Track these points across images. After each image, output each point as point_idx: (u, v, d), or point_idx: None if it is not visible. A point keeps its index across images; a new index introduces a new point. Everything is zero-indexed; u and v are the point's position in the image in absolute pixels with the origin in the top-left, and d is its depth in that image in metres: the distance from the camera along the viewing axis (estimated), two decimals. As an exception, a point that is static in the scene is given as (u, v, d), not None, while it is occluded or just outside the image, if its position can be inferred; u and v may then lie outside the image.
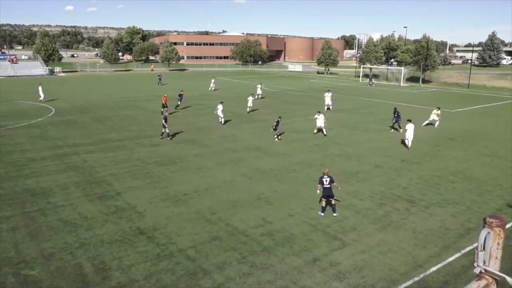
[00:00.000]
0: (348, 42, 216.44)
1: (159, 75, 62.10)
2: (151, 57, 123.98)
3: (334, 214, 13.45)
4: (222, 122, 28.93)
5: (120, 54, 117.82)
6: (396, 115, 27.03)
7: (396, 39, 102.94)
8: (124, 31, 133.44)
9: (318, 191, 13.56)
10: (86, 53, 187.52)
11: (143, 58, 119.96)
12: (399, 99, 44.56)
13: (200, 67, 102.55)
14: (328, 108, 36.09)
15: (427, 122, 28.71)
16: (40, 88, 39.65)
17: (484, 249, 2.75)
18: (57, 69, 79.15)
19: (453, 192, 15.86)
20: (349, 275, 10.03)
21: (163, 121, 24.07)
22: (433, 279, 9.98)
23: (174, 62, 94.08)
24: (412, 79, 68.52)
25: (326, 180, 13.25)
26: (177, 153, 21.22)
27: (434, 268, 10.39)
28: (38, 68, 76.06)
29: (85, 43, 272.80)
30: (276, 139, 24.04)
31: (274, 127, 24.09)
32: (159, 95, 45.45)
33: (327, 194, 13.28)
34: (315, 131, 25.74)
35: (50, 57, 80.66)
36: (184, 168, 18.69)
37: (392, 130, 27.05)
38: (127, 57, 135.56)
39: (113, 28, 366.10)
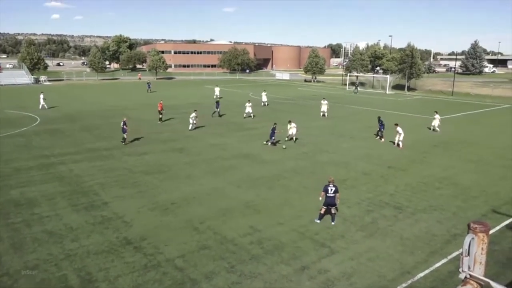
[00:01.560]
0: (335, 50, 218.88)
1: (148, 83, 62.65)
2: (138, 66, 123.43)
3: (332, 223, 13.47)
4: (192, 128, 29.49)
5: (107, 62, 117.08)
6: (380, 124, 27.37)
7: (382, 48, 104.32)
8: (111, 40, 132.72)
9: (320, 198, 13.58)
10: (73, 62, 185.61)
11: (130, 66, 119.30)
12: (386, 107, 45.12)
13: (187, 75, 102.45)
14: (324, 115, 36.66)
15: (432, 128, 29.73)
16: (41, 96, 40.65)
17: (468, 254, 2.80)
18: (42, 77, 78.24)
19: (439, 198, 16.06)
20: (338, 283, 10.05)
21: (123, 125, 24.62)
22: (421, 285, 10.06)
23: (161, 71, 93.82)
24: (397, 87, 69.52)
25: (331, 189, 13.25)
26: (165, 161, 21.09)
27: (421, 274, 10.47)
28: (23, 77, 75.04)
29: (72, 52, 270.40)
30: (269, 144, 24.39)
31: (270, 134, 24.48)
32: (147, 104, 45.30)
33: (329, 202, 13.28)
34: (286, 138, 25.81)
35: (36, 66, 79.74)
36: (173, 176, 18.58)
37: (377, 137, 27.34)
38: (114, 65, 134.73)
39: (100, 36, 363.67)
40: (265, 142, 24.33)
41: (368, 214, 14.38)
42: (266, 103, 44.25)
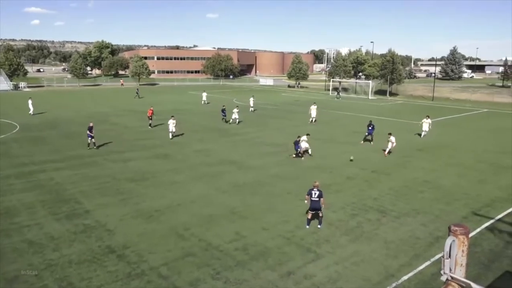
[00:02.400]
0: (318, 56, 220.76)
1: (137, 89, 64.15)
2: (120, 72, 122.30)
3: (319, 226, 13.55)
4: (173, 136, 28.80)
5: (88, 68, 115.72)
6: (370, 128, 27.67)
7: (364, 54, 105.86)
8: (92, 46, 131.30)
9: (306, 202, 13.64)
10: (53, 68, 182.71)
11: (112, 72, 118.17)
12: (369, 112, 45.71)
13: (171, 81, 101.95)
14: (313, 121, 36.92)
15: (423, 133, 29.81)
16: (30, 102, 41.09)
17: (450, 256, 2.84)
18: (22, 84, 76.75)
19: (422, 202, 16.29)
20: (323, 287, 10.07)
21: (89, 131, 24.74)
22: (405, 287, 10.17)
23: (144, 77, 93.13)
24: (379, 92, 70.57)
25: (315, 193, 13.28)
26: (149, 168, 20.88)
27: (405, 277, 10.58)
28: (2, 83, 73.44)
29: (52, 58, 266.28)
30: (297, 156, 23.48)
31: (295, 147, 23.52)
32: (131, 110, 44.90)
33: (314, 206, 13.31)
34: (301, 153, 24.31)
35: (15, 72, 78.25)
36: (157, 183, 18.39)
37: (363, 141, 27.62)
38: (96, 71, 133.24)
39: (81, 42, 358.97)
40: (297, 156, 23.46)
41: (353, 218, 14.48)
42: (253, 109, 44.72)
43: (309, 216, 13.52)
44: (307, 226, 13.51)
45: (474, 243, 12.37)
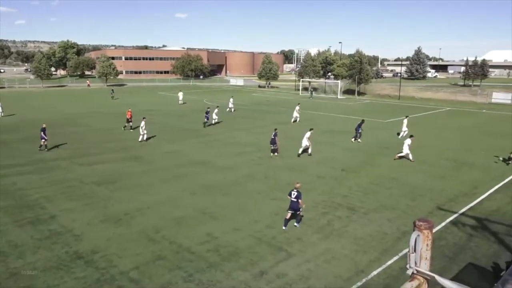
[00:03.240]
0: (287, 56, 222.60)
1: (112, 90, 62.76)
2: (87, 72, 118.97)
3: (295, 224, 13.66)
4: (143, 139, 27.86)
5: (53, 69, 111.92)
6: (358, 126, 28.23)
7: (332, 54, 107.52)
8: (57, 45, 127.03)
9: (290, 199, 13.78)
10: (15, 68, 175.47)
11: (78, 73, 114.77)
12: (338, 111, 46.53)
13: (139, 82, 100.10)
14: (296, 120, 37.24)
15: (402, 133, 30.16)
16: None
17: (415, 251, 2.92)
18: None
19: (389, 198, 16.72)
20: (296, 286, 10.15)
21: (42, 132, 24.28)
22: (375, 282, 10.39)
23: (112, 77, 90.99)
24: (348, 91, 71.95)
25: (294, 194, 13.44)
26: (118, 171, 20.40)
27: (375, 272, 10.82)
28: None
29: (13, 58, 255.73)
30: (272, 155, 23.81)
31: (271, 142, 23.80)
32: (100, 112, 43.75)
33: (292, 206, 13.48)
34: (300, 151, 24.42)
35: (-27, 73, 74.69)
36: (126, 186, 17.99)
37: (353, 139, 28.24)
38: (61, 72, 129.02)
39: (44, 42, 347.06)
40: (272, 155, 23.73)
41: (323, 216, 14.68)
42: (232, 109, 44.82)
43: (287, 216, 13.63)
44: (284, 227, 13.49)
45: (439, 237, 12.82)
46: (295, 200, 13.40)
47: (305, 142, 24.04)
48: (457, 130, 34.33)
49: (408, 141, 23.37)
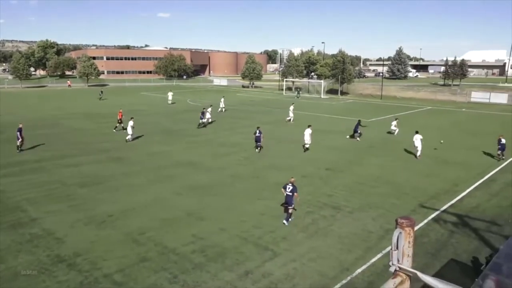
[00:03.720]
0: (271, 56, 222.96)
1: (101, 91, 62.44)
2: (67, 72, 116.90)
3: (284, 222, 13.81)
4: (129, 140, 27.72)
5: (32, 69, 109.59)
6: (356, 126, 29.34)
7: (315, 54, 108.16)
8: (36, 45, 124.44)
9: (283, 193, 14.05)
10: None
11: (58, 73, 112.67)
12: (322, 111, 46.86)
13: (121, 82, 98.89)
14: (290, 120, 37.64)
15: (393, 132, 31.49)
16: None
17: (397, 248, 2.99)
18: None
19: (374, 197, 16.95)
20: (281, 285, 10.21)
21: (18, 133, 24.24)
22: (359, 280, 10.54)
23: (93, 77, 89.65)
24: (331, 91, 72.56)
25: (289, 188, 13.81)
26: (102, 172, 20.13)
27: (359, 270, 10.97)
28: None
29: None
30: (258, 150, 24.81)
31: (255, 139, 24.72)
32: (84, 112, 43.03)
33: (287, 200, 13.84)
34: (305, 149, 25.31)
35: None
36: (110, 188, 17.78)
37: (348, 136, 29.14)
38: (40, 72, 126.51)
39: (23, 41, 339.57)
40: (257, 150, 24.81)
41: (308, 216, 14.80)
42: (223, 109, 44.77)
43: (285, 210, 13.99)
44: (285, 223, 13.83)
45: (422, 234, 13.07)
46: (290, 194, 13.71)
47: (307, 139, 24.96)
48: (438, 129, 34.93)
49: (419, 137, 23.85)
